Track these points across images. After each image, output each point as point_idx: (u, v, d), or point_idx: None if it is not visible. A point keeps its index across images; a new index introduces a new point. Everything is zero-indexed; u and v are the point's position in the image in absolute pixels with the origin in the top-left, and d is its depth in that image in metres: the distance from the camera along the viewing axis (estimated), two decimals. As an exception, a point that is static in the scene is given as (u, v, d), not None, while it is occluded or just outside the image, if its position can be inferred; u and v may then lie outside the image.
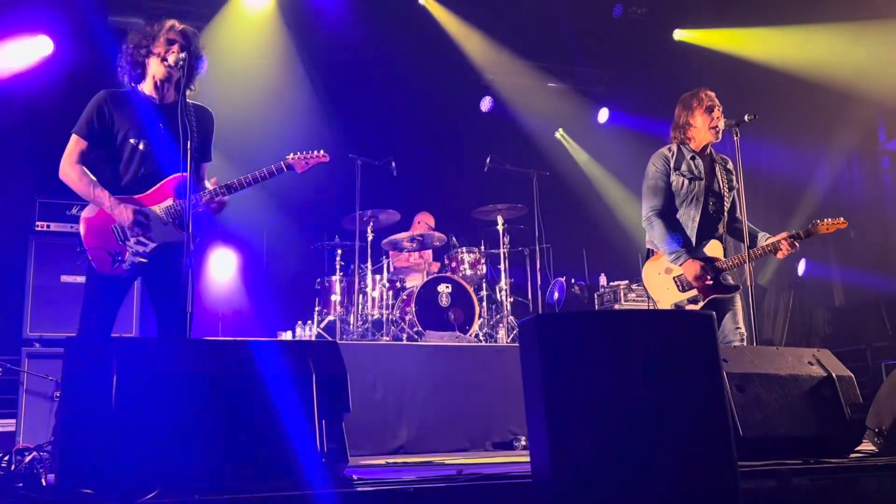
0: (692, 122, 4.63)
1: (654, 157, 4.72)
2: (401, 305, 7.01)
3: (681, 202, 4.61)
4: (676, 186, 4.60)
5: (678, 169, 4.61)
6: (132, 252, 3.68)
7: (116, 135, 3.77)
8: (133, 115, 3.79)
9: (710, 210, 4.61)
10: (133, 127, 3.77)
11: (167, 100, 3.88)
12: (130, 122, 3.78)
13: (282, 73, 8.89)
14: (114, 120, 3.77)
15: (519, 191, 8.16)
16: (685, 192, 4.59)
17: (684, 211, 4.60)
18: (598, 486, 2.07)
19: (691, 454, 2.16)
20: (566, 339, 2.17)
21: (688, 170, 4.60)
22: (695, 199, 4.58)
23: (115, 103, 3.80)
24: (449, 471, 3.12)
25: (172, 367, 2.63)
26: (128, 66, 3.85)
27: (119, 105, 3.80)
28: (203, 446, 2.54)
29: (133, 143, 3.76)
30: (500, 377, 5.69)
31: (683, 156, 4.64)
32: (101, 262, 3.66)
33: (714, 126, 4.59)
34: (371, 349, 5.87)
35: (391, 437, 5.40)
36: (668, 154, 4.67)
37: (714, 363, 2.26)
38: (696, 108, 4.62)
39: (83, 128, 3.76)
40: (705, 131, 4.61)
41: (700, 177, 4.60)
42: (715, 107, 4.62)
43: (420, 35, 9.23)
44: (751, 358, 3.38)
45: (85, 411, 2.44)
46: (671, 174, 4.61)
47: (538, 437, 2.16)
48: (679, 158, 4.64)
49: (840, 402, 3.39)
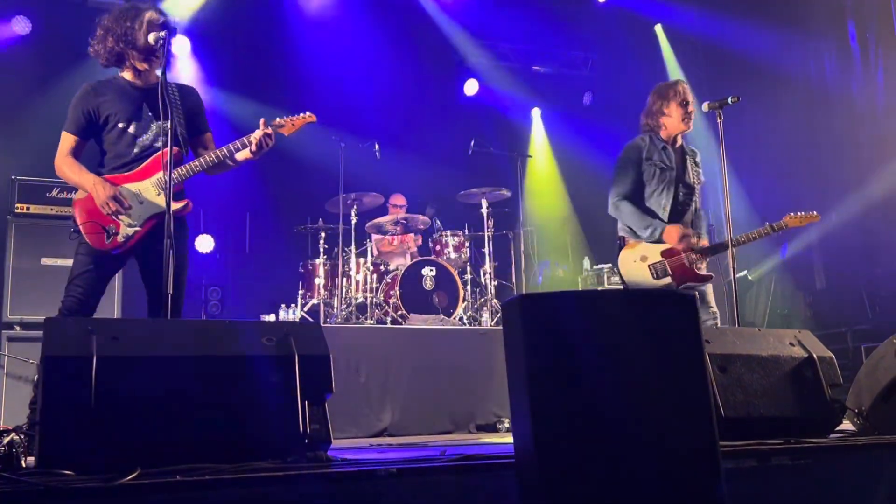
0: (666, 111, 4.71)
1: (626, 146, 4.79)
2: (385, 289, 7.00)
3: (651, 191, 4.68)
4: (648, 176, 4.68)
5: (650, 159, 4.68)
6: (126, 224, 3.79)
7: (105, 124, 3.90)
8: (118, 102, 3.90)
9: (680, 199, 4.70)
10: (119, 112, 3.89)
11: (150, 82, 3.97)
12: (116, 107, 3.89)
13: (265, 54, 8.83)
14: (99, 111, 3.89)
15: (503, 174, 8.16)
16: (657, 181, 4.66)
17: (655, 200, 4.68)
18: (581, 466, 2.08)
19: (673, 434, 2.16)
20: (549, 318, 2.16)
21: (660, 160, 4.68)
22: (665, 189, 4.66)
23: (99, 94, 3.91)
24: (432, 452, 3.12)
25: (153, 347, 2.61)
26: (107, 54, 3.90)
27: (102, 94, 3.91)
28: (184, 427, 2.53)
29: (122, 126, 3.88)
30: (484, 360, 5.70)
31: (655, 146, 4.71)
32: (96, 237, 3.78)
33: (686, 118, 4.68)
34: (355, 332, 5.86)
35: (375, 421, 5.41)
36: (640, 144, 4.74)
37: (696, 344, 2.27)
38: (672, 97, 4.70)
39: (71, 125, 3.90)
40: (678, 121, 4.70)
41: (672, 167, 4.68)
42: (689, 101, 4.72)
43: (403, 17, 9.18)
44: (733, 339, 3.39)
45: (64, 392, 2.42)
46: (643, 163, 4.69)
47: (521, 417, 2.16)
48: (651, 149, 4.71)
49: (821, 383, 3.41)
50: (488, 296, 7.28)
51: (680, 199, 4.70)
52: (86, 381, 2.42)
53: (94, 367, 2.43)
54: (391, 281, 6.98)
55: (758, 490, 2.68)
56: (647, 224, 4.58)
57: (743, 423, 3.15)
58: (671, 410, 2.19)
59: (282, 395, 2.66)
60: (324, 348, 2.83)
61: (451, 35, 9.78)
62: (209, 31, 8.63)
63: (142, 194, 3.85)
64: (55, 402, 2.43)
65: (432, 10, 9.32)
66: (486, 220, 7.47)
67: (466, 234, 7.60)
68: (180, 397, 2.56)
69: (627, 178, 4.69)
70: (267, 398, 2.64)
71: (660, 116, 4.73)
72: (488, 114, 9.89)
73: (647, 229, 4.58)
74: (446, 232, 7.53)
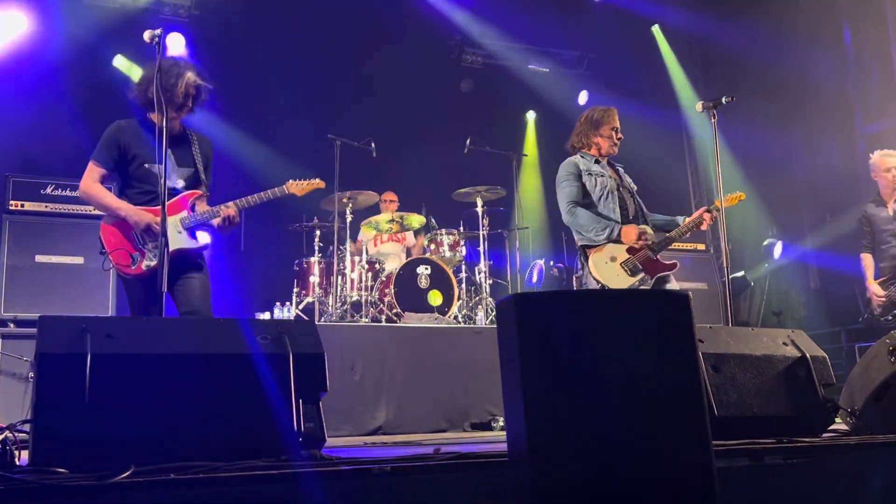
0: (596, 141, 5.01)
1: (561, 165, 5.05)
2: (380, 287, 7.00)
3: (598, 198, 4.90)
4: (591, 186, 4.92)
5: (589, 171, 4.93)
6: (150, 255, 4.07)
7: (132, 161, 4.19)
8: (146, 143, 4.19)
9: (626, 202, 4.93)
10: (146, 152, 4.18)
11: (174, 130, 4.29)
12: (143, 148, 4.19)
13: (261, 53, 8.81)
14: (128, 148, 4.19)
15: (499, 173, 8.16)
16: (599, 188, 4.90)
17: (603, 205, 4.89)
18: (574, 465, 2.08)
19: (667, 433, 2.17)
20: (543, 317, 2.17)
21: (598, 172, 4.94)
22: (609, 194, 4.89)
23: (128, 134, 4.22)
24: (426, 450, 3.12)
25: (147, 345, 2.61)
26: (143, 99, 4.18)
27: (132, 134, 4.22)
28: (178, 425, 2.53)
29: (147, 167, 4.19)
30: (479, 359, 5.70)
31: (589, 161, 4.99)
32: (121, 262, 4.08)
33: (615, 144, 5.02)
34: (350, 331, 5.86)
35: (370, 419, 5.41)
36: (577, 160, 5.02)
37: (690, 343, 2.27)
38: (604, 125, 5.01)
39: (100, 156, 4.19)
40: (608, 146, 5.01)
41: (610, 176, 4.96)
42: (618, 128, 5.03)
43: (399, 15, 9.17)
44: (726, 338, 3.40)
45: (59, 390, 2.42)
46: (583, 175, 4.93)
47: (514, 415, 2.16)
48: (587, 163, 4.97)
49: (814, 382, 3.42)
50: (483, 294, 7.28)
51: (626, 203, 4.92)
52: (80, 378, 2.41)
53: (88, 365, 2.43)
54: (386, 279, 6.98)
55: (751, 489, 2.69)
56: (605, 226, 4.77)
57: (736, 423, 3.16)
58: (664, 409, 2.20)
59: (276, 394, 2.66)
60: (318, 346, 2.84)
61: (446, 33, 9.78)
62: (204, 29, 8.62)
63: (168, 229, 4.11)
64: (49, 399, 2.43)
65: (428, 8, 9.31)
66: (482, 219, 7.48)
67: (461, 232, 7.60)
68: (174, 395, 2.56)
69: (573, 188, 4.92)
70: (261, 396, 2.64)
71: (593, 139, 5.01)
72: (484, 113, 9.88)
73: (604, 230, 4.76)
74: (441, 230, 7.53)
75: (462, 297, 7.20)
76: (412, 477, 2.29)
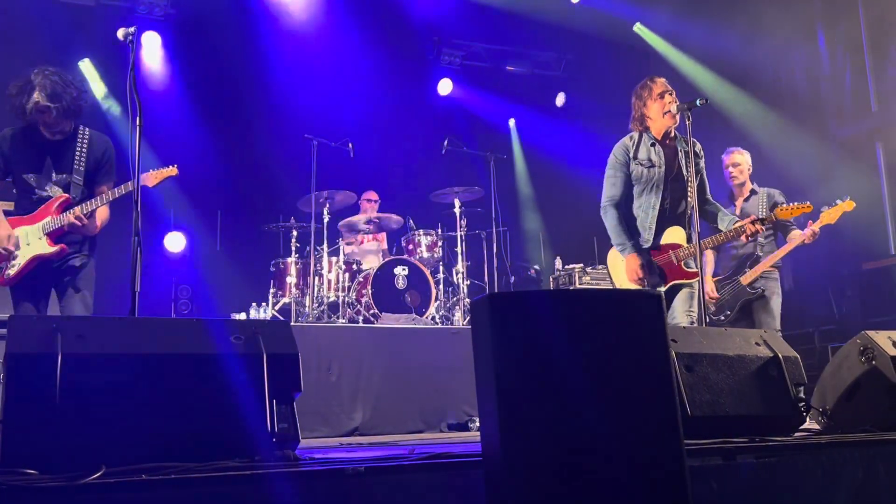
0: (647, 113, 4.70)
1: (616, 146, 4.78)
2: (357, 288, 6.99)
3: (640, 190, 4.69)
4: (636, 175, 4.67)
5: (637, 157, 4.67)
6: (11, 264, 4.23)
7: (13, 171, 4.35)
8: (25, 152, 4.32)
9: (671, 197, 4.66)
10: (24, 162, 4.32)
11: (61, 135, 4.35)
12: (22, 158, 4.32)
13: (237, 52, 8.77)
14: (9, 159, 4.33)
15: (476, 174, 8.17)
16: (644, 180, 4.65)
17: (644, 199, 4.68)
18: (547, 465, 2.09)
19: (639, 433, 2.18)
20: (517, 317, 2.17)
21: (646, 158, 4.66)
22: (654, 187, 4.65)
23: (9, 143, 4.33)
24: (401, 451, 3.12)
25: (119, 345, 2.58)
26: (19, 111, 4.25)
27: (13, 144, 4.33)
28: (150, 425, 2.51)
29: (25, 177, 4.31)
30: (456, 359, 5.70)
31: (644, 143, 4.69)
32: None
33: (668, 111, 4.62)
34: (327, 332, 5.84)
35: (346, 420, 5.40)
36: (628, 143, 4.73)
37: (662, 343, 2.29)
38: (647, 97, 4.69)
39: None
40: (661, 118, 4.65)
41: (659, 164, 4.65)
42: (666, 92, 4.66)
43: (376, 16, 9.17)
44: (699, 338, 3.42)
45: (28, 391, 2.39)
46: (630, 163, 4.68)
47: (489, 415, 2.16)
48: (639, 146, 4.69)
49: (786, 382, 3.45)
50: (461, 295, 7.29)
51: (671, 197, 4.67)
52: (50, 379, 2.39)
53: (58, 365, 2.40)
54: (363, 280, 6.97)
55: (723, 488, 2.71)
56: (621, 242, 4.63)
57: (709, 422, 3.18)
58: (638, 409, 2.21)
59: (249, 394, 2.64)
60: (292, 347, 2.82)
61: (424, 34, 9.78)
62: (180, 28, 8.57)
63: (29, 236, 4.25)
64: (19, 400, 2.40)
65: (406, 9, 9.31)
66: (459, 220, 7.49)
67: (439, 233, 7.60)
68: (146, 396, 2.54)
69: (616, 180, 4.71)
70: (234, 396, 2.62)
71: (644, 119, 4.72)
72: (462, 113, 9.90)
73: (618, 246, 4.65)
74: (419, 231, 7.53)
75: (439, 298, 7.20)
76: (385, 477, 2.29)
